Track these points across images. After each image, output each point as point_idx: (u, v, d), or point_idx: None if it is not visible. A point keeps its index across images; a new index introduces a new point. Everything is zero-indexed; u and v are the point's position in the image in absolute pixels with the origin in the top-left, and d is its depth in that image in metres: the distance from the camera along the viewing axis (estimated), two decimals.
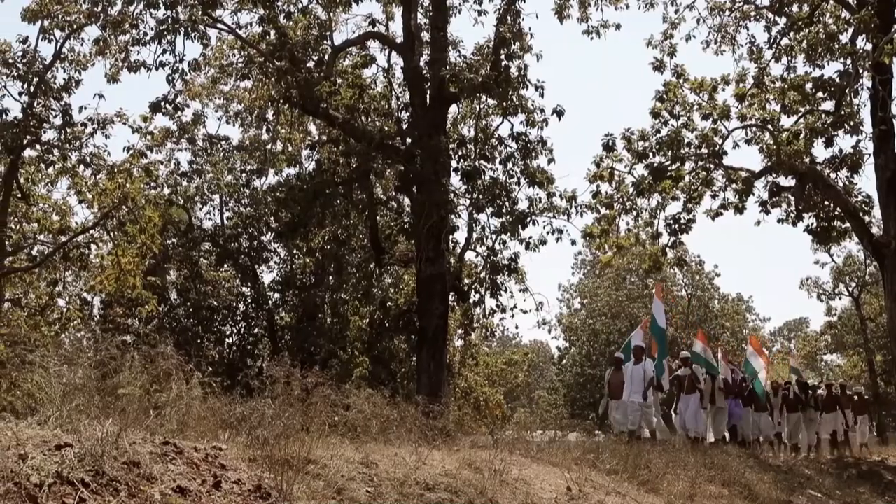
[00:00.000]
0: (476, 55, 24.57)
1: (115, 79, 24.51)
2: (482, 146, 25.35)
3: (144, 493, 5.42)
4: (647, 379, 19.57)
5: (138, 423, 6.46)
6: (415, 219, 23.95)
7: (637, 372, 19.66)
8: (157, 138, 29.63)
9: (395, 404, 11.79)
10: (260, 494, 6.07)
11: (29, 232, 27.90)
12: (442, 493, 7.45)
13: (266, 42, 24.39)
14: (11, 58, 23.60)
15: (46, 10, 23.45)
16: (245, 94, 27.82)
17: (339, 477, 6.83)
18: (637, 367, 19.75)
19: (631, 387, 19.59)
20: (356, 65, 26.49)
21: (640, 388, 19.43)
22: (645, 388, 19.46)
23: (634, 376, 19.64)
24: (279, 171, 30.34)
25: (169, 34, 23.11)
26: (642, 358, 19.94)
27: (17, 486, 4.77)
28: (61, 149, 24.90)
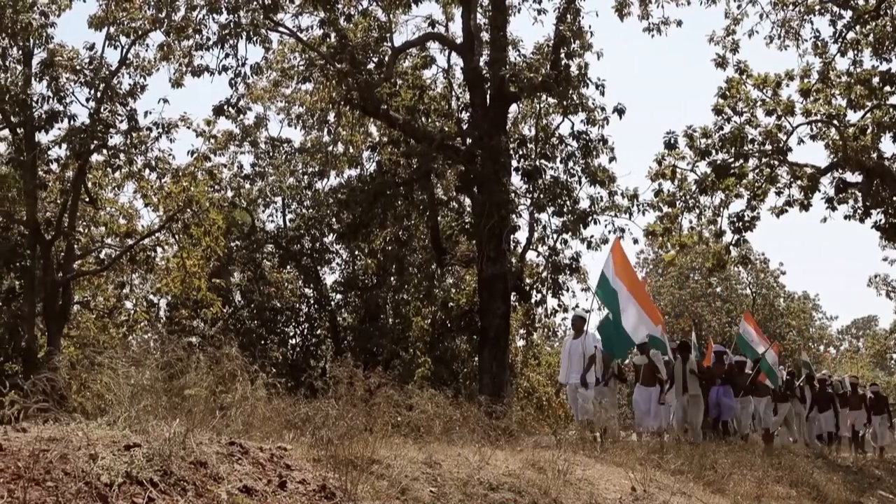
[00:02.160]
0: (536, 54, 24.52)
1: (179, 83, 24.82)
2: (543, 145, 25.29)
3: (211, 492, 5.48)
4: (588, 357, 15.65)
5: (205, 423, 6.53)
6: (476, 219, 23.94)
7: (575, 348, 15.90)
8: (221, 142, 29.99)
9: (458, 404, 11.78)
10: (325, 494, 6.11)
11: (97, 235, 28.41)
12: (506, 494, 7.44)
13: (327, 44, 24.53)
14: (79, 64, 24.01)
15: (112, 16, 23.83)
16: (306, 96, 28.03)
17: (402, 477, 6.84)
18: (576, 342, 15.96)
19: (569, 366, 16.00)
20: (416, 66, 26.55)
21: (579, 367, 15.62)
22: (585, 367, 15.54)
23: (572, 353, 15.96)
24: (340, 172, 30.52)
25: (231, 38, 23.37)
26: (583, 330, 16.09)
27: (88, 485, 4.85)
28: (127, 153, 25.30)
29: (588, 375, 15.53)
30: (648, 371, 17.13)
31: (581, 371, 15.53)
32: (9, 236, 25.95)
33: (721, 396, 19.03)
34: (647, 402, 17.00)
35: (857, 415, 23.95)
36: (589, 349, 15.65)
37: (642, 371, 17.25)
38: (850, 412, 23.95)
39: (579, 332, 16.12)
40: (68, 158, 25.24)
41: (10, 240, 25.84)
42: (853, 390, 24.57)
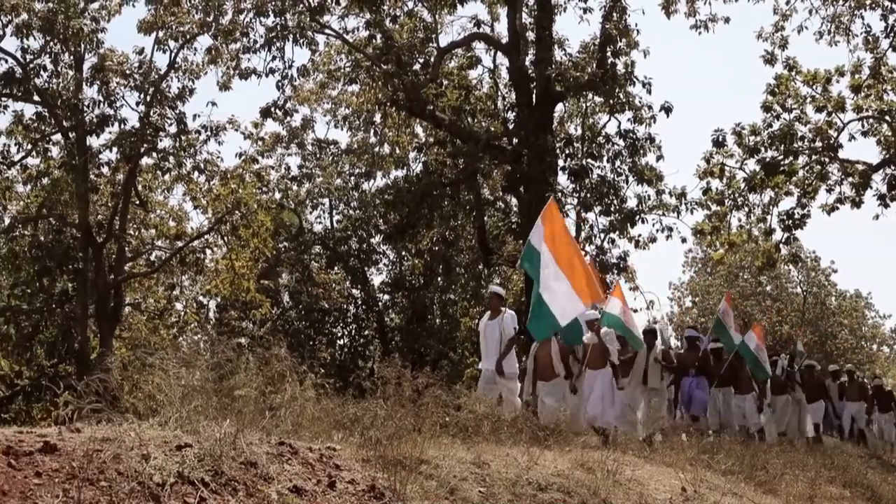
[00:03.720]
0: (582, 53, 24.45)
1: (226, 86, 25.10)
2: (589, 144, 25.22)
3: (262, 492, 5.52)
4: (507, 338, 13.27)
5: (254, 423, 6.58)
6: (522, 219, 23.89)
7: (491, 330, 13.50)
8: (268, 144, 30.24)
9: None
10: (374, 494, 6.13)
11: (147, 238, 28.72)
12: (555, 494, 7.41)
13: (373, 46, 24.64)
14: (129, 69, 24.31)
15: (161, 21, 24.11)
16: (353, 97, 28.14)
17: (451, 477, 6.85)
18: (492, 323, 13.54)
19: (487, 349, 13.57)
20: (462, 66, 26.56)
21: (495, 351, 13.25)
22: (502, 352, 13.18)
23: (488, 335, 13.56)
24: (387, 173, 30.62)
25: (278, 41, 23.58)
26: (500, 309, 13.64)
27: (141, 485, 4.90)
28: (177, 156, 25.58)
29: (506, 362, 13.13)
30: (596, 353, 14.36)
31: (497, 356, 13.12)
32: (62, 239, 26.31)
33: (693, 388, 17.09)
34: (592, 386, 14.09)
35: (857, 407, 21.97)
36: (507, 331, 13.26)
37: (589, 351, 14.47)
38: (849, 404, 22.08)
39: (496, 311, 13.62)
40: (119, 162, 25.55)
41: (63, 243, 26.19)
42: (850, 379, 22.76)
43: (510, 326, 13.30)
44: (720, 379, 17.56)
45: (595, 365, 14.26)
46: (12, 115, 24.49)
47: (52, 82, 24.05)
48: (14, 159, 25.34)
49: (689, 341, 18.32)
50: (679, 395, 17.40)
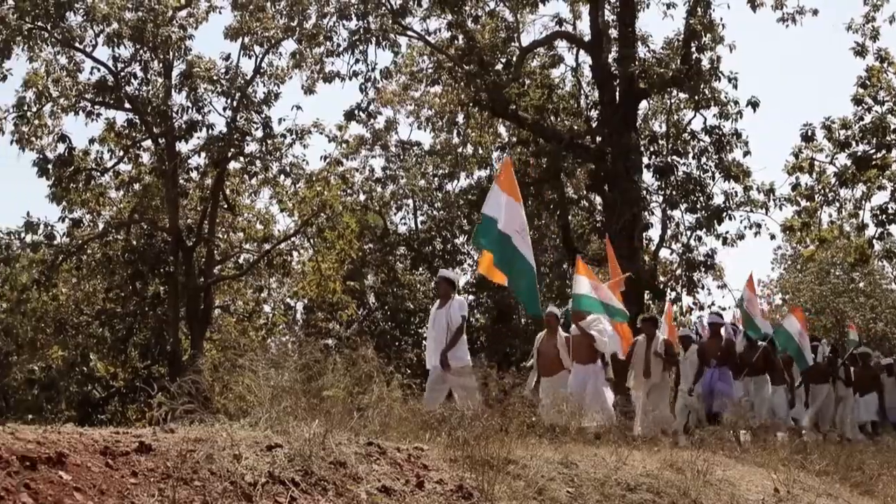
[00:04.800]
0: (666, 49, 24.17)
1: (311, 90, 25.41)
2: (674, 141, 24.97)
3: (351, 492, 5.57)
4: (455, 327, 11.75)
5: (343, 424, 6.63)
6: (607, 217, 23.77)
7: (439, 319, 11.95)
8: (352, 146, 30.46)
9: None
10: (462, 494, 6.14)
11: (235, 241, 29.13)
12: (644, 494, 7.35)
13: (455, 47, 24.71)
14: (216, 75, 24.71)
15: (247, 27, 24.49)
16: (435, 99, 28.25)
17: (539, 477, 6.83)
18: (440, 312, 12.02)
19: (434, 344, 11.97)
20: (544, 65, 26.48)
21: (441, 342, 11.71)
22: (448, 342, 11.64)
23: (436, 326, 11.99)
24: (470, 173, 30.67)
25: (361, 44, 23.86)
26: (450, 296, 12.15)
27: (233, 484, 4.98)
28: (263, 160, 25.93)
29: (454, 354, 11.59)
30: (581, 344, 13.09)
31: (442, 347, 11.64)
32: (153, 243, 26.81)
33: (715, 381, 15.10)
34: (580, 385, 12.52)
35: None
36: (455, 319, 11.75)
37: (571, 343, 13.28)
38: None
39: (445, 298, 12.16)
40: (207, 166, 25.98)
41: (154, 247, 26.69)
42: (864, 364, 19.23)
43: (457, 314, 11.85)
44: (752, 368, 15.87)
45: (582, 359, 12.99)
46: (104, 122, 25.08)
47: (143, 90, 24.54)
48: (107, 166, 25.90)
49: (712, 328, 16.51)
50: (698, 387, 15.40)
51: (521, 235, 12.14)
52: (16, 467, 4.35)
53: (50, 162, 24.06)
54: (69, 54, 24.26)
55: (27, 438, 4.74)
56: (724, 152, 24.45)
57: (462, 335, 11.81)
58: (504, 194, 12.30)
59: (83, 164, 25.00)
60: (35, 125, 23.70)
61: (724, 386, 15.05)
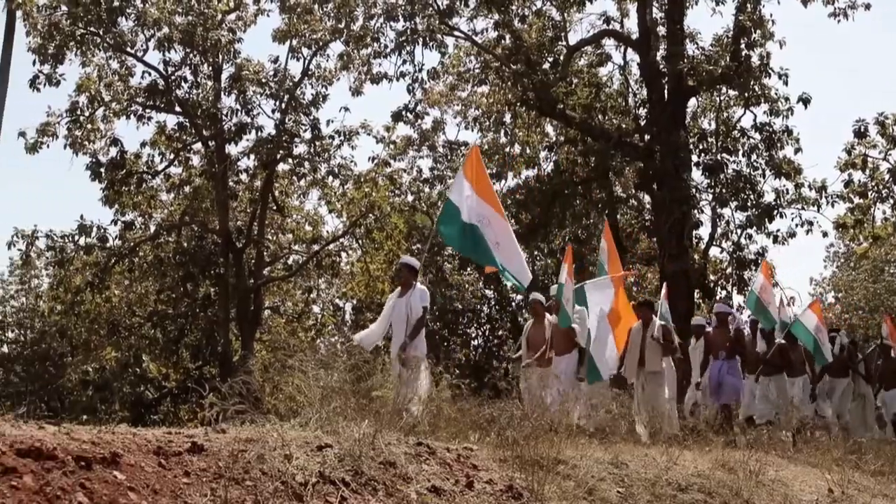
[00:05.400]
0: (714, 46, 23.98)
1: (358, 91, 25.53)
2: (724, 139, 24.75)
3: (401, 492, 5.59)
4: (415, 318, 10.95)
5: (392, 424, 6.67)
6: (656, 216, 23.64)
7: (398, 309, 11.13)
8: (400, 147, 30.50)
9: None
10: (512, 494, 6.14)
11: (284, 242, 29.32)
12: (695, 494, 7.30)
13: (502, 46, 24.71)
14: (265, 77, 24.88)
15: (294, 29, 24.64)
16: (482, 98, 28.20)
17: (589, 477, 6.81)
18: (400, 301, 11.20)
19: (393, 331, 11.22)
20: (591, 63, 26.37)
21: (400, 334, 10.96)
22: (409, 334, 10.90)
23: (395, 316, 11.17)
24: (518, 173, 30.56)
25: (408, 45, 23.96)
26: (410, 283, 11.28)
27: (285, 484, 5.02)
28: (311, 161, 26.07)
29: (415, 345, 10.88)
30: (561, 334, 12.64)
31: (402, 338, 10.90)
32: (204, 245, 27.04)
33: (724, 374, 14.47)
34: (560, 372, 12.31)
35: None
36: (416, 309, 10.98)
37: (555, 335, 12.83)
38: None
39: (406, 285, 11.34)
40: (256, 168, 26.19)
41: (205, 248, 26.91)
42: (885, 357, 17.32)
43: (418, 304, 11.04)
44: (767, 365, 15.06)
45: (560, 350, 12.73)
46: (155, 125, 25.38)
47: (193, 93, 24.78)
48: (158, 169, 26.19)
49: (719, 318, 15.68)
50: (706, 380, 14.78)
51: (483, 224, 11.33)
52: (71, 467, 4.42)
53: (102, 165, 24.36)
54: (121, 59, 24.57)
55: (82, 439, 4.81)
56: (775, 149, 24.19)
57: (423, 326, 11.06)
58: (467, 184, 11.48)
59: (135, 168, 25.30)
60: (88, 129, 24.03)
61: (734, 379, 14.52)
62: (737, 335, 15.22)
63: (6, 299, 36.43)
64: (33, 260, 28.40)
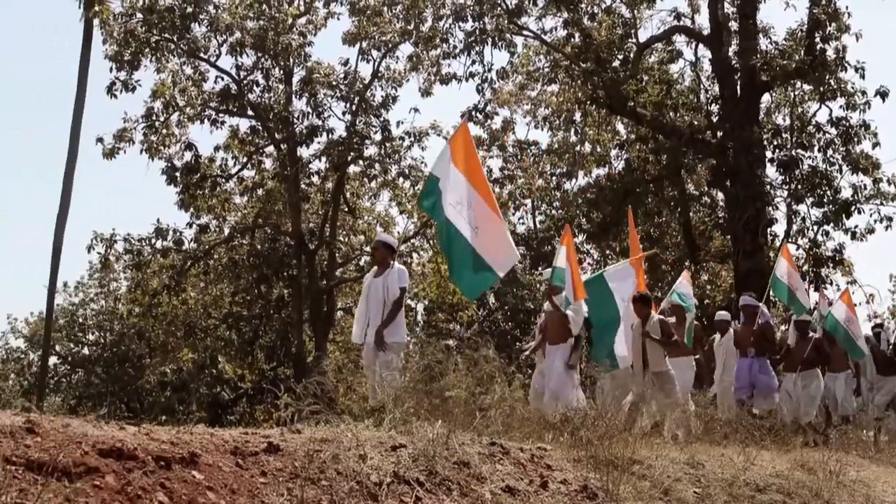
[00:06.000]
0: (788, 40, 23.62)
1: (428, 92, 25.58)
2: (799, 134, 24.38)
3: (475, 492, 5.59)
4: (392, 300, 10.28)
5: (465, 424, 6.67)
6: (730, 213, 23.37)
7: (375, 289, 10.47)
8: None
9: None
10: (586, 494, 6.11)
11: (356, 244, 29.49)
12: (774, 495, 7.20)
13: (571, 45, 24.62)
14: (335, 80, 25.05)
15: (364, 32, 24.79)
16: (552, 97, 28.13)
17: (664, 477, 6.75)
18: (376, 281, 10.53)
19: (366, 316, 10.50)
20: (662, 60, 26.17)
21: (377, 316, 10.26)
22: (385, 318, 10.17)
23: (371, 296, 10.49)
24: (588, 172, 30.42)
25: (477, 45, 23.99)
26: (387, 263, 10.64)
27: (360, 484, 5.05)
28: (382, 163, 26.18)
29: (391, 331, 10.18)
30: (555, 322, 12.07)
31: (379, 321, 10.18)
32: (277, 247, 27.28)
33: (756, 374, 13.43)
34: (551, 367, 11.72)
35: None
36: (392, 290, 10.28)
37: (548, 324, 12.32)
38: None
39: (383, 265, 10.65)
40: (328, 170, 26.37)
41: (278, 250, 27.15)
42: None
43: (395, 284, 10.31)
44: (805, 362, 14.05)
45: (554, 338, 12.04)
46: (228, 129, 25.68)
47: (264, 97, 25.03)
48: (231, 172, 26.51)
49: (746, 312, 14.40)
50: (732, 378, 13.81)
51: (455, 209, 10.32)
52: (151, 467, 4.50)
53: (177, 170, 24.74)
54: (194, 64, 24.92)
55: (162, 439, 4.90)
56: (852, 144, 23.76)
57: (400, 309, 10.31)
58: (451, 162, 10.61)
59: (209, 171, 25.63)
60: (163, 134, 24.40)
61: (766, 378, 13.46)
62: (763, 330, 14.04)
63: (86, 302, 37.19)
64: (112, 263, 28.87)
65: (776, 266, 15.67)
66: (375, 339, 9.97)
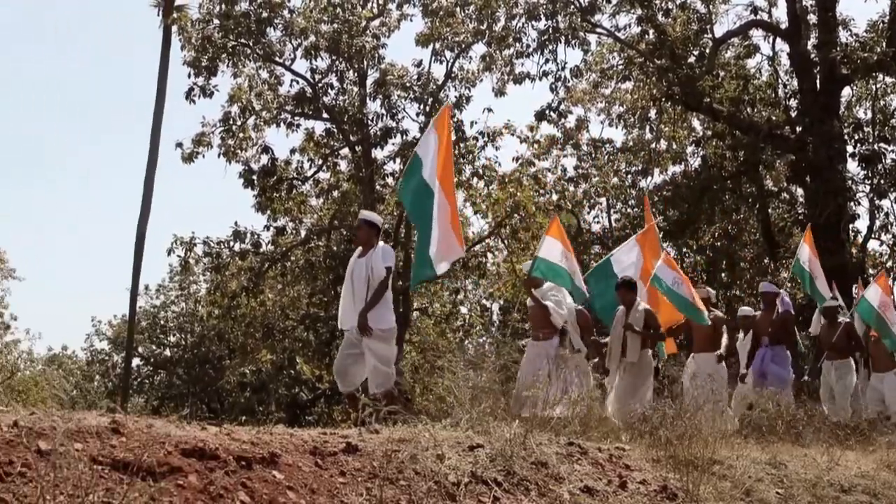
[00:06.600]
0: (869, 32, 23.19)
1: (501, 92, 25.52)
2: (881, 128, 23.98)
3: (553, 492, 5.57)
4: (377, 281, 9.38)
5: (542, 424, 6.65)
6: (810, 209, 23.00)
7: (359, 270, 9.62)
8: (544, 146, 30.42)
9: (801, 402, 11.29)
10: (666, 495, 6.05)
11: None
12: (859, 496, 7.05)
13: (645, 41, 24.46)
14: (408, 81, 25.13)
15: (437, 33, 24.82)
16: (626, 95, 27.95)
17: (745, 478, 6.66)
18: (360, 262, 9.70)
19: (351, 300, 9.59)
20: (739, 55, 25.88)
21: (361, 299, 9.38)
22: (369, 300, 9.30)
23: (355, 278, 9.60)
24: (664, 169, 30.15)
25: (550, 44, 23.91)
26: (371, 243, 9.75)
27: (438, 484, 5.06)
28: (456, 163, 26.19)
29: (375, 315, 9.30)
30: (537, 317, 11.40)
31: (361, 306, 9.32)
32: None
33: (768, 363, 12.48)
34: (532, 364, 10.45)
35: None
36: (378, 271, 9.42)
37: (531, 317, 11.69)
38: None
39: (366, 245, 9.81)
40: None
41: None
42: None
43: (381, 265, 9.43)
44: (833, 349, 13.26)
45: (537, 334, 11.38)
46: (304, 132, 25.89)
47: (339, 99, 25.20)
48: (307, 174, 26.74)
49: (766, 299, 13.58)
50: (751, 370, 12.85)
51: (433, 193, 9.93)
52: (233, 467, 4.56)
53: (254, 173, 25.01)
54: (270, 68, 25.20)
55: (242, 439, 4.96)
56: None
57: (386, 291, 9.47)
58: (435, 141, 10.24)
59: (285, 174, 25.88)
60: (240, 138, 24.70)
61: (778, 369, 12.39)
62: (782, 318, 13.01)
63: (167, 305, 37.88)
64: (192, 266, 29.33)
65: (799, 251, 15.14)
66: (359, 322, 9.13)
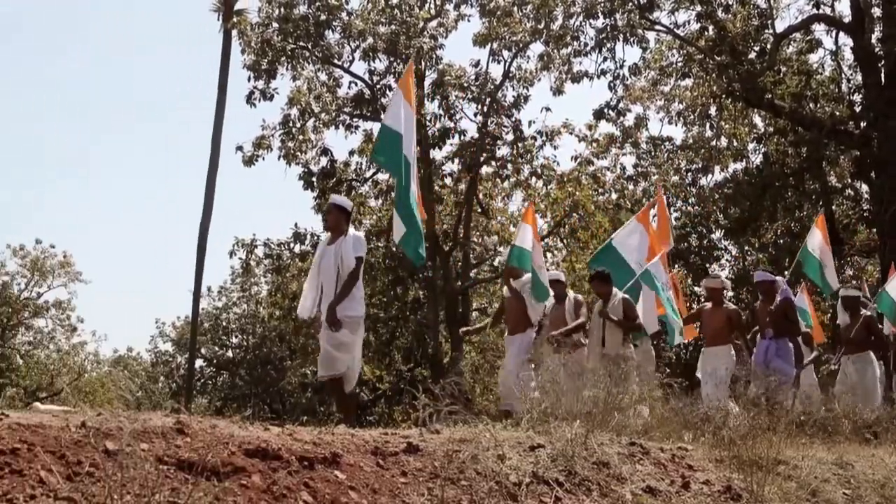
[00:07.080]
0: None
1: (559, 91, 25.44)
2: None
3: (615, 492, 5.54)
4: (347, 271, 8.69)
5: (604, 424, 6.62)
6: (875, 205, 22.64)
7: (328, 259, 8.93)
8: (602, 145, 30.28)
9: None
10: (730, 496, 5.99)
11: (490, 244, 29.55)
12: None
13: (705, 38, 24.23)
14: (466, 81, 25.15)
15: (495, 33, 24.81)
16: (686, 92, 27.72)
17: (811, 478, 6.56)
18: (329, 249, 8.98)
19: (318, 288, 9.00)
20: (801, 50, 25.54)
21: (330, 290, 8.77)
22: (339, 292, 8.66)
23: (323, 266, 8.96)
24: (725, 167, 29.85)
25: (608, 42, 23.79)
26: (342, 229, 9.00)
27: (499, 484, 5.06)
28: (514, 163, 26.20)
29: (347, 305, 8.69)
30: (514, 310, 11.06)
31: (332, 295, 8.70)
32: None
33: (772, 356, 11.46)
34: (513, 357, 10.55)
35: None
36: (347, 260, 8.74)
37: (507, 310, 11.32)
38: None
39: (336, 231, 9.11)
40: (460, 172, 26.50)
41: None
42: None
43: (350, 253, 8.80)
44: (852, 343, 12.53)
45: (514, 328, 11.03)
46: (362, 134, 26.02)
47: None
48: (366, 176, 26.87)
49: (762, 288, 12.57)
50: None
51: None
52: (295, 467, 4.60)
53: (314, 175, 25.20)
54: (328, 71, 25.39)
55: (304, 439, 5.00)
56: None
57: (357, 281, 8.82)
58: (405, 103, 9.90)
59: (344, 176, 26.04)
60: (299, 140, 24.89)
61: (781, 363, 11.29)
62: (782, 306, 12.00)
63: (229, 306, 38.32)
64: (253, 268, 29.63)
65: (808, 238, 14.24)
66: (328, 317, 8.60)
